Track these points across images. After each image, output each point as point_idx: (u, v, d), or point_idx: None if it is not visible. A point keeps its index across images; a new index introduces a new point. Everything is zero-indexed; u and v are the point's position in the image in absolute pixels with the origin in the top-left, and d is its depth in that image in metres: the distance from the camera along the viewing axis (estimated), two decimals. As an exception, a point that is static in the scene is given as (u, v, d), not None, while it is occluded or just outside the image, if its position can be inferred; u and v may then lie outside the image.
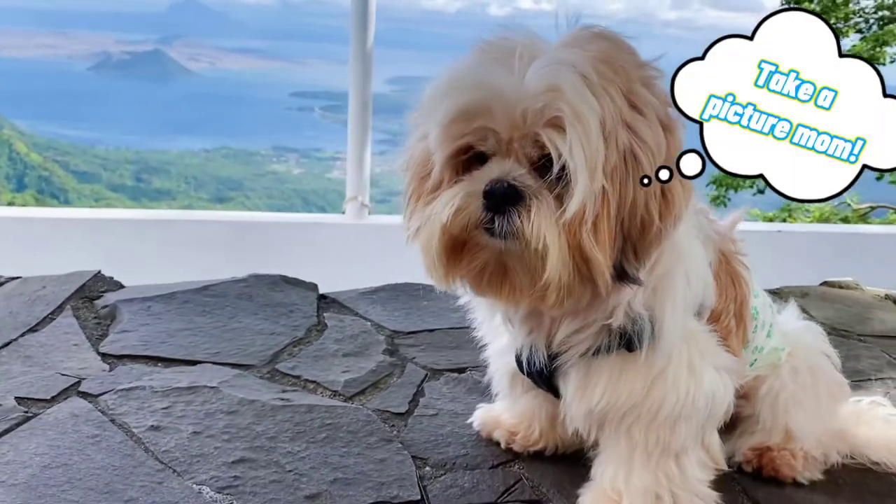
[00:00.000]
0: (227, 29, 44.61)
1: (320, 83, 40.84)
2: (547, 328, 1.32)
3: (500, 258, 1.21)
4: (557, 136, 1.13)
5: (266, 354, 2.06)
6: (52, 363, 1.93)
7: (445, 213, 1.20)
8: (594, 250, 1.14)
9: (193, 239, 5.25)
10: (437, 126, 1.21)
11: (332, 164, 35.79)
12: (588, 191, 1.12)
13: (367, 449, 1.63)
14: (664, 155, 1.16)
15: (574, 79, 1.12)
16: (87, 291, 2.36)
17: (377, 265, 5.38)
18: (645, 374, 1.30)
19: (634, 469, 1.35)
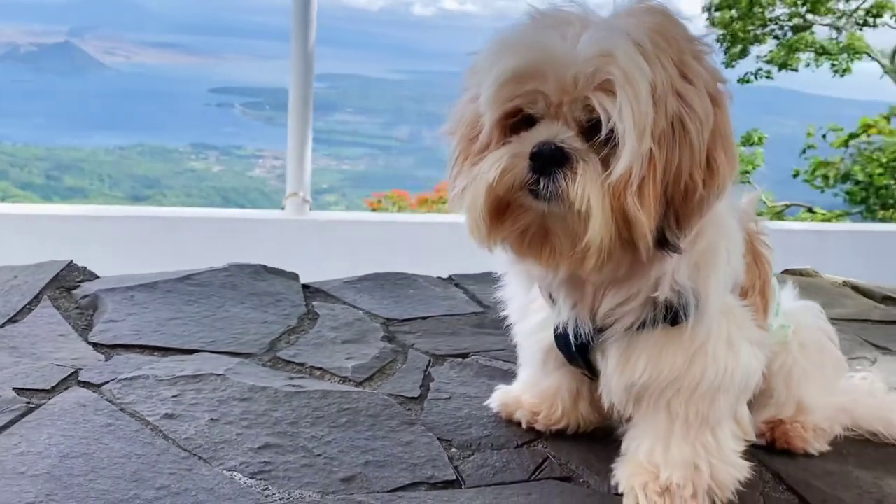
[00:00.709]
0: (144, 22, 43.18)
1: (241, 79, 40.04)
2: (590, 301, 1.33)
3: (543, 221, 1.22)
4: (607, 99, 1.15)
5: (263, 343, 2.02)
6: (42, 354, 1.84)
7: (492, 173, 1.21)
8: (638, 213, 1.15)
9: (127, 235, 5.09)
10: (489, 87, 1.22)
11: (253, 161, 35.14)
12: (636, 153, 1.14)
13: (390, 432, 1.61)
14: (711, 125, 1.18)
15: (627, 45, 1.15)
16: (62, 281, 2.26)
17: (321, 261, 5.34)
18: (687, 348, 1.33)
19: (673, 441, 1.38)
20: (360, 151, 35.33)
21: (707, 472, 1.38)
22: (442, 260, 5.56)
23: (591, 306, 1.33)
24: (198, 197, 31.80)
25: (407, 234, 5.76)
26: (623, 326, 1.32)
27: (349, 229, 5.78)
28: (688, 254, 1.28)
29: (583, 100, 1.18)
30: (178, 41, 40.64)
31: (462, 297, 2.51)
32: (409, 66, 44.11)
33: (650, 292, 1.30)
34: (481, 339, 2.17)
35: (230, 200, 31.18)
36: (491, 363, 2.00)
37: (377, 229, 5.84)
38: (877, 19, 14.87)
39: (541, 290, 1.41)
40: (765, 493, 1.51)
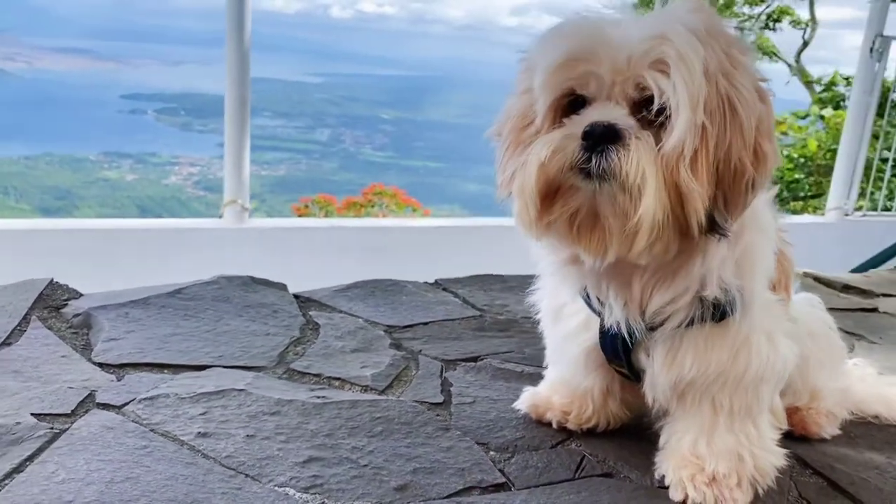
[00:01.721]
0: (47, 26, 41.36)
1: (153, 85, 38.87)
2: (639, 300, 1.37)
3: (593, 203, 1.23)
4: (661, 76, 1.18)
5: (272, 355, 1.99)
6: (49, 377, 1.76)
7: (544, 152, 1.23)
8: (692, 185, 1.18)
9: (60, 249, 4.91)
10: (544, 72, 1.25)
11: (168, 168, 34.20)
12: (689, 123, 1.17)
13: (428, 438, 1.62)
14: (758, 115, 1.22)
15: (680, 28, 1.19)
16: (48, 301, 2.17)
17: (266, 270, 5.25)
18: (732, 343, 1.38)
19: (717, 433, 1.43)
20: (279, 156, 34.81)
21: (750, 461, 1.43)
22: (390, 262, 5.57)
23: (639, 305, 1.37)
24: (112, 207, 30.76)
25: (351, 239, 5.74)
26: (674, 324, 1.36)
27: (292, 236, 5.72)
28: (732, 251, 1.33)
29: (635, 78, 1.21)
30: (86, 46, 39.14)
31: (455, 302, 2.52)
32: (327, 69, 43.72)
33: (698, 290, 1.34)
34: (486, 342, 2.19)
35: (147, 210, 30.28)
36: (504, 366, 2.02)
37: (321, 235, 5.80)
38: (776, 24, 15.63)
39: (587, 294, 1.44)
40: (794, 477, 1.58)
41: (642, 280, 1.35)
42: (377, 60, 48.16)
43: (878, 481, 1.59)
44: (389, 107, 40.04)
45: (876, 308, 2.86)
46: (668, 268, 1.33)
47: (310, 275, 4.72)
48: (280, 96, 38.00)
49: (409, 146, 37.92)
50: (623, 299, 1.37)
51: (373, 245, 5.61)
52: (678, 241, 1.25)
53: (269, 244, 5.45)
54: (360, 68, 46.14)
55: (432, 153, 37.03)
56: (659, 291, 1.35)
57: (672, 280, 1.34)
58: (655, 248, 1.23)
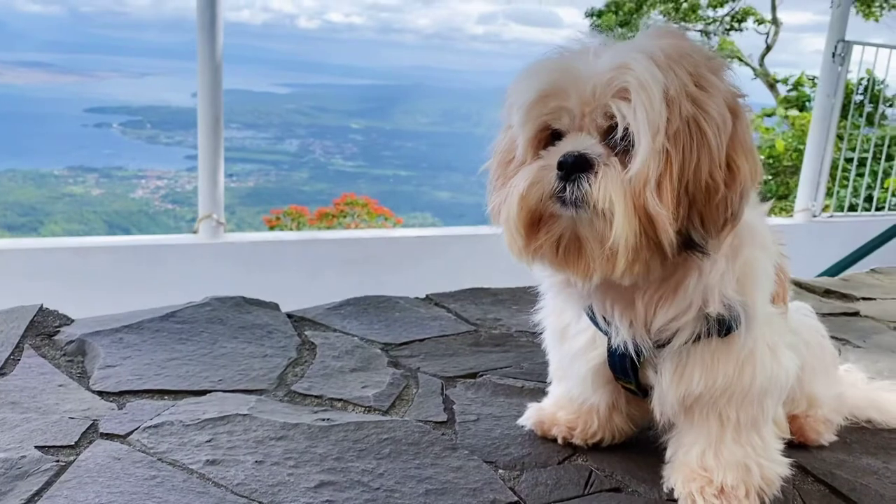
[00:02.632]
0: (5, 41, 40.72)
1: (118, 98, 38.42)
2: (643, 317, 1.39)
3: (574, 228, 1.29)
4: (623, 103, 1.23)
5: (271, 377, 1.98)
6: (48, 407, 1.74)
7: (522, 185, 1.30)
8: (658, 208, 1.22)
9: (31, 269, 4.84)
10: (519, 109, 1.33)
11: (135, 182, 33.82)
12: (650, 149, 1.21)
13: (437, 458, 1.62)
14: (730, 131, 1.25)
15: (641, 57, 1.24)
16: (39, 328, 2.14)
17: (244, 286, 5.22)
18: (737, 357, 1.41)
19: (725, 445, 1.46)
20: (248, 168, 34.62)
21: (757, 472, 1.46)
22: (369, 274, 5.56)
23: (644, 322, 1.39)
24: (79, 223, 30.36)
25: (328, 252, 5.72)
26: (681, 341, 1.38)
27: (268, 250, 5.68)
28: (731, 267, 1.36)
29: (602, 108, 1.26)
30: (48, 60, 38.60)
31: (448, 317, 2.53)
32: (295, 80, 43.53)
33: (701, 307, 1.37)
34: (483, 357, 2.21)
35: (114, 225, 29.91)
36: (504, 382, 2.04)
37: (297, 249, 5.77)
38: (741, 24, 15.91)
39: (593, 313, 1.46)
40: (796, 486, 1.61)
41: (644, 298, 1.38)
42: (346, 70, 48.07)
43: (878, 486, 1.63)
44: (359, 116, 40.00)
45: (857, 312, 2.92)
46: (667, 285, 1.36)
47: (290, 289, 4.71)
48: (248, 107, 37.78)
49: (379, 155, 37.89)
50: (628, 319, 1.40)
51: (350, 257, 5.60)
52: (660, 260, 1.28)
53: (245, 259, 5.41)
54: (329, 78, 46.00)
55: (402, 162, 37.04)
56: (662, 308, 1.37)
57: (673, 297, 1.36)
58: (636, 269, 1.27)
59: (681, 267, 1.34)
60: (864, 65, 7.27)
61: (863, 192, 7.57)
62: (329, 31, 64.98)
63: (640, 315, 1.39)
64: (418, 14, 72.33)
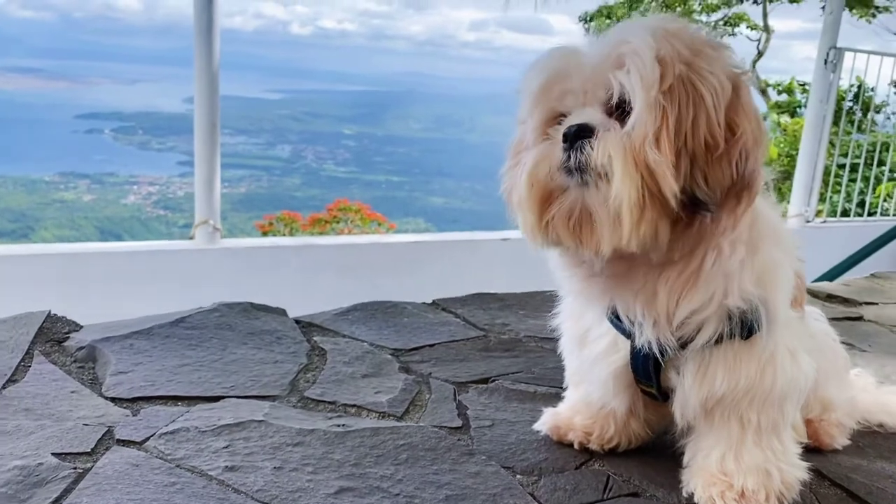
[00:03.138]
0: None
1: (110, 104, 38.30)
2: (665, 311, 1.39)
3: (583, 199, 1.31)
4: (620, 72, 1.28)
5: (283, 383, 1.98)
6: (62, 414, 1.73)
7: (530, 162, 1.34)
8: (656, 158, 1.24)
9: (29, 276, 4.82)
10: (528, 99, 1.38)
11: (127, 188, 33.73)
12: (644, 104, 1.25)
13: (455, 464, 1.62)
14: (728, 96, 1.27)
15: (639, 31, 1.28)
16: (49, 334, 2.13)
17: (241, 292, 5.21)
18: (758, 359, 1.41)
19: (746, 449, 1.46)
20: (240, 174, 34.56)
21: (777, 476, 1.47)
22: (365, 279, 5.56)
23: (667, 317, 1.39)
24: (70, 229, 30.25)
25: (324, 257, 5.70)
26: (705, 338, 1.39)
27: (265, 256, 5.67)
28: (751, 260, 1.37)
29: (603, 83, 1.30)
30: (40, 66, 38.43)
31: (456, 322, 2.53)
32: (287, 86, 43.49)
33: (722, 299, 1.37)
34: (494, 362, 2.21)
35: (106, 231, 29.81)
36: (516, 387, 2.04)
37: (294, 254, 5.76)
38: (734, 28, 16.01)
39: (615, 316, 1.46)
40: (814, 490, 1.62)
41: (667, 286, 1.38)
42: (338, 76, 48.07)
43: (894, 490, 1.64)
44: (351, 122, 40.00)
45: (861, 316, 2.93)
46: (688, 270, 1.36)
47: (289, 294, 4.70)
48: (240, 113, 37.72)
49: (371, 161, 37.89)
50: (652, 316, 1.40)
51: (347, 262, 5.59)
52: (668, 223, 1.29)
53: (242, 265, 5.39)
54: (321, 84, 45.98)
55: (394, 167, 37.06)
56: (685, 299, 1.37)
57: (695, 285, 1.36)
58: (642, 229, 1.27)
59: (699, 247, 1.34)
60: (854, 71, 7.32)
61: (855, 198, 7.62)
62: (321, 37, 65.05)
63: (662, 307, 1.39)
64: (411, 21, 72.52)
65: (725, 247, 1.34)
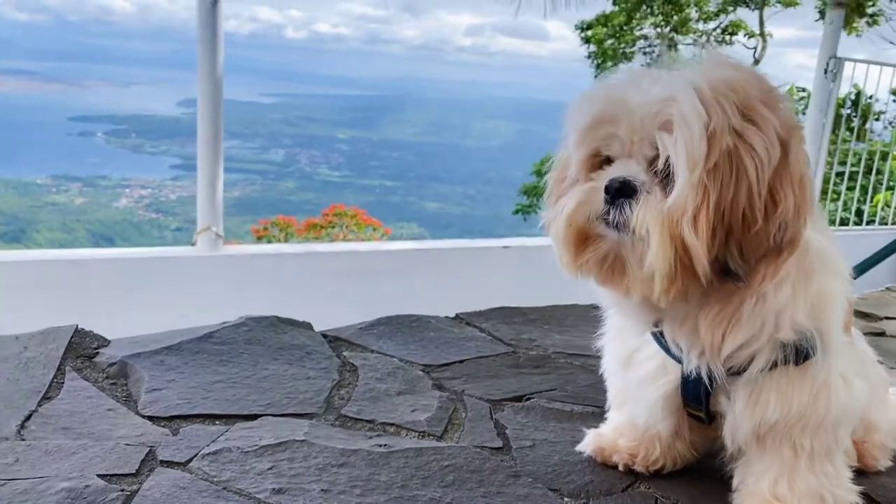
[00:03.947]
0: (-10, 48, 40.37)
1: (103, 107, 38.16)
2: (710, 344, 1.39)
3: (618, 249, 1.34)
4: (667, 136, 1.28)
5: (318, 401, 1.96)
6: (100, 433, 1.72)
7: (571, 205, 1.36)
8: (692, 239, 1.25)
9: (29, 282, 4.78)
10: (574, 133, 1.39)
11: (119, 191, 33.65)
12: (687, 183, 1.25)
13: (502, 486, 1.61)
14: (776, 164, 1.26)
15: (687, 90, 1.27)
16: (78, 349, 2.11)
17: (246, 299, 5.20)
18: (811, 386, 1.41)
19: (799, 474, 1.46)
20: (234, 177, 34.52)
21: (831, 501, 1.46)
22: (367, 287, 5.54)
23: (713, 349, 1.39)
24: (62, 231, 30.13)
25: (326, 264, 5.69)
26: (757, 367, 1.38)
27: (267, 263, 5.65)
28: (804, 294, 1.37)
29: (649, 138, 1.30)
30: (34, 68, 38.27)
31: (482, 337, 2.52)
32: (282, 90, 43.42)
33: (772, 333, 1.37)
34: (525, 379, 2.20)
35: (97, 234, 29.69)
36: (552, 405, 2.03)
37: (296, 262, 5.74)
38: (732, 37, 16.09)
39: (663, 338, 1.46)
40: (861, 513, 1.61)
41: (706, 322, 1.38)
42: (333, 80, 48.05)
43: (943, 514, 1.64)
44: (345, 126, 39.99)
45: (883, 332, 2.94)
46: (727, 310, 1.36)
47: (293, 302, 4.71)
48: (234, 117, 37.66)
49: (365, 165, 37.91)
50: (698, 347, 1.40)
51: (347, 270, 5.58)
52: (699, 287, 1.30)
53: (244, 272, 5.37)
54: (316, 89, 45.95)
55: (388, 172, 37.09)
56: (731, 335, 1.37)
57: (738, 322, 1.36)
58: (672, 293, 1.30)
59: (736, 292, 1.34)
60: (853, 80, 7.37)
61: (854, 206, 7.65)
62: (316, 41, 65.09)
63: (707, 341, 1.39)
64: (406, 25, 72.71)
65: (770, 290, 1.35)
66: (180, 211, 29.92)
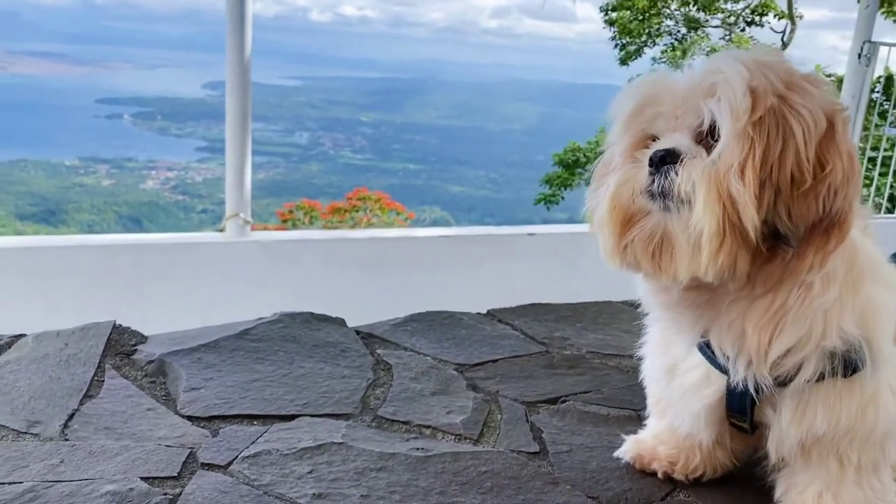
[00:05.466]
0: (20, 31, 40.71)
1: (130, 89, 38.45)
2: (756, 348, 1.36)
3: (664, 224, 1.31)
4: (711, 100, 1.27)
5: (354, 400, 1.97)
6: (141, 433, 1.74)
7: (613, 184, 1.35)
8: (740, 191, 1.22)
9: (62, 267, 4.83)
10: (619, 121, 1.39)
11: (145, 173, 33.92)
12: (731, 133, 1.24)
13: (541, 493, 1.61)
14: (822, 132, 1.24)
15: (732, 61, 1.28)
16: (117, 347, 2.13)
17: (273, 286, 5.21)
18: (859, 398, 1.39)
19: (845, 487, 1.44)
20: (258, 160, 34.67)
21: (877, 515, 1.44)
22: (395, 275, 5.55)
23: (760, 353, 1.36)
24: (90, 213, 30.45)
25: (353, 251, 5.70)
26: (806, 376, 1.36)
27: (294, 249, 5.67)
28: (851, 300, 1.35)
29: (694, 109, 1.30)
30: (61, 50, 38.62)
31: (515, 335, 2.52)
32: (306, 73, 43.51)
33: (820, 339, 1.35)
34: (560, 381, 2.19)
35: (124, 216, 29.98)
36: (588, 409, 2.02)
37: (323, 248, 5.76)
38: (762, 18, 15.81)
39: (708, 348, 1.44)
40: (905, 526, 1.59)
41: (754, 323, 1.35)
42: (357, 63, 48.06)
43: None
44: (369, 109, 39.98)
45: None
46: (773, 306, 1.34)
47: (320, 288, 4.72)
48: (258, 99, 37.79)
49: (389, 148, 37.88)
50: (746, 355, 1.37)
51: (374, 257, 5.59)
52: (747, 256, 1.27)
53: (272, 258, 5.40)
54: (340, 71, 45.97)
55: (412, 155, 37.05)
56: (777, 339, 1.35)
57: (784, 323, 1.34)
58: (720, 259, 1.25)
59: (784, 282, 1.32)
60: (886, 62, 7.21)
61: (886, 192, 7.52)
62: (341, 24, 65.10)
63: (753, 346, 1.36)
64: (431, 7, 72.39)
65: (816, 283, 1.32)
66: (206, 193, 30.15)
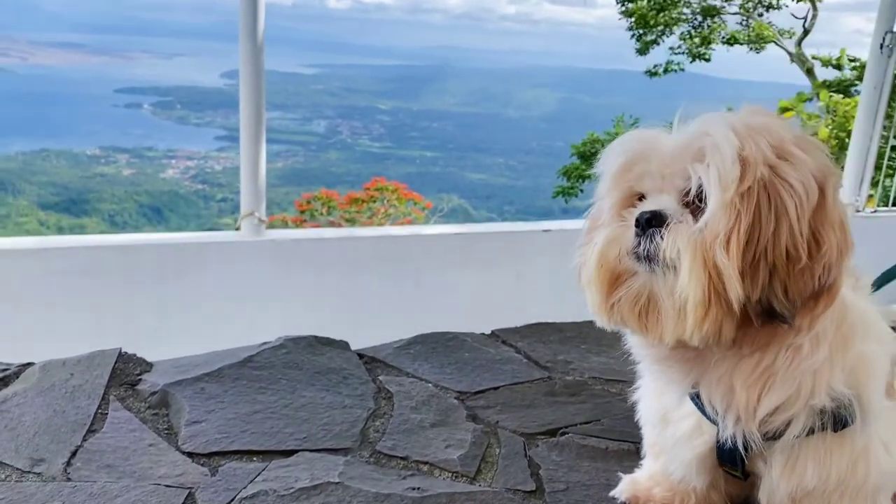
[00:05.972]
0: (39, 21, 41.06)
1: (148, 78, 38.67)
2: (745, 405, 1.36)
3: (650, 286, 1.31)
4: (699, 165, 1.27)
5: (353, 433, 1.99)
6: (141, 472, 1.77)
7: (601, 242, 1.36)
8: (724, 262, 1.22)
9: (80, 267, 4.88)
10: (607, 177, 1.39)
11: (165, 163, 34.13)
12: (718, 203, 1.23)
13: (534, 537, 1.62)
14: (814, 203, 1.24)
15: (723, 125, 1.27)
16: (122, 376, 2.17)
17: (286, 287, 5.24)
18: (850, 452, 1.38)
19: (837, 540, 1.44)
20: (276, 148, 34.77)
21: (869, 565, 1.44)
22: (410, 275, 5.57)
23: (748, 410, 1.36)
24: (110, 203, 30.71)
25: (368, 250, 5.72)
26: (794, 432, 1.36)
27: (308, 248, 5.69)
28: (841, 359, 1.34)
29: (681, 171, 1.30)
30: (79, 40, 38.90)
31: (518, 359, 2.52)
32: (323, 60, 43.52)
33: (808, 397, 1.34)
34: (561, 410, 2.20)
35: (145, 206, 30.22)
36: (587, 442, 2.03)
37: (339, 246, 5.78)
38: (780, 1, 15.60)
39: (699, 398, 1.44)
40: (900, 573, 1.59)
41: (742, 380, 1.35)
42: (374, 51, 48.04)
43: None
44: (386, 97, 39.95)
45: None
46: (761, 365, 1.34)
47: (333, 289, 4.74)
48: (276, 88, 37.86)
49: (407, 136, 37.83)
50: (734, 411, 1.37)
51: (390, 255, 5.60)
52: (732, 324, 1.27)
53: (286, 257, 5.43)
54: (357, 59, 45.96)
55: (429, 143, 37.01)
56: (766, 396, 1.35)
57: (773, 382, 1.34)
58: (705, 327, 1.26)
59: (772, 344, 1.32)
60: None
61: (908, 184, 7.40)
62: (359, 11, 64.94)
63: (742, 402, 1.37)
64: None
65: (805, 345, 1.32)
66: (226, 182, 30.31)
